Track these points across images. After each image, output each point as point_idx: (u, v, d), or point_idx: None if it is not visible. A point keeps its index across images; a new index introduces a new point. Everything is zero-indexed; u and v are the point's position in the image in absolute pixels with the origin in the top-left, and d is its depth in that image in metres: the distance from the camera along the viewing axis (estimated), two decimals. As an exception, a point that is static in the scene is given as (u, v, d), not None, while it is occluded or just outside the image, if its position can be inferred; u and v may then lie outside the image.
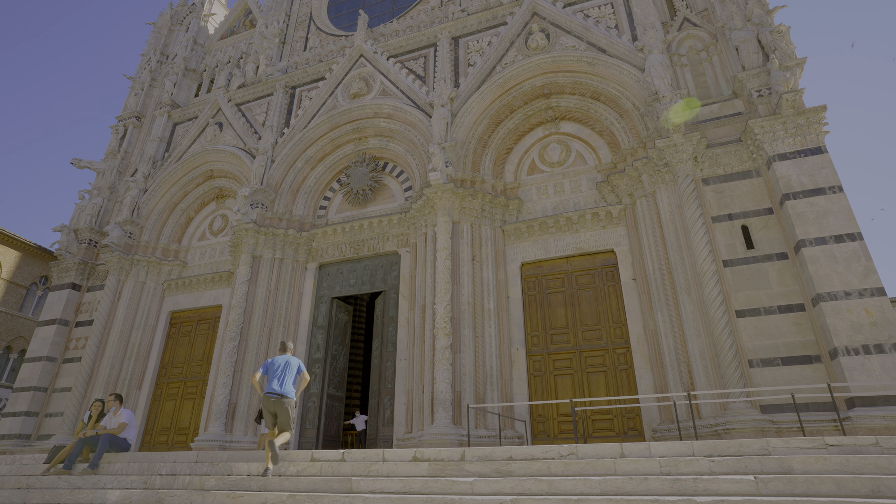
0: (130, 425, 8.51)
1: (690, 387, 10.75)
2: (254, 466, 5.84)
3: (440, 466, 4.98)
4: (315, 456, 6.07)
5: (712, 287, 10.77)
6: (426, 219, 14.46)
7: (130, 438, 8.55)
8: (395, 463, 5.21)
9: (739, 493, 3.99)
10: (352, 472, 5.27)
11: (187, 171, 19.39)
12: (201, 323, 17.49)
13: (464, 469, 4.93)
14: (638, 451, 5.17)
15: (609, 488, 4.21)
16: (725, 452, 4.86)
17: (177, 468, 6.36)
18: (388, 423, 13.71)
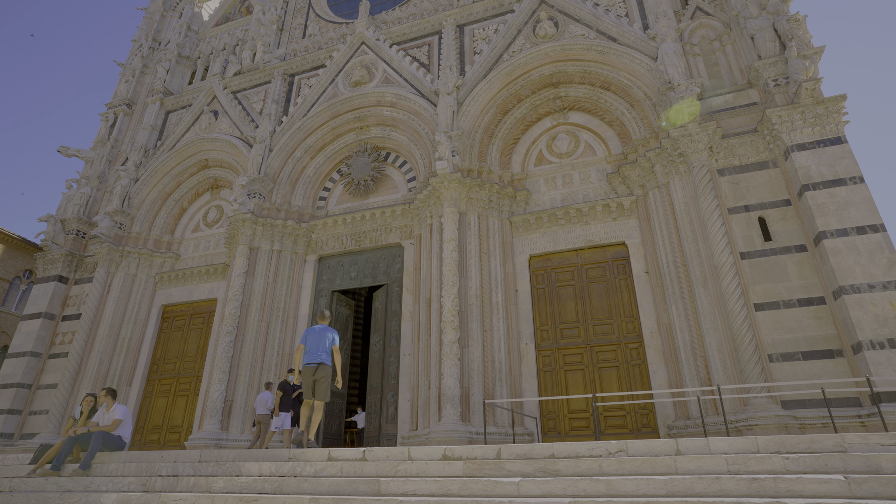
0: (125, 422, 7.88)
1: (707, 382, 10.45)
2: (266, 466, 5.33)
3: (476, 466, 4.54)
4: (332, 454, 5.57)
5: (730, 280, 10.47)
6: (431, 209, 14.03)
7: (125, 436, 7.90)
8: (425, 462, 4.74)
9: (831, 496, 3.62)
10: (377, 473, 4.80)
11: (181, 161, 18.74)
12: (195, 317, 16.88)
13: (504, 468, 4.50)
14: (695, 447, 4.80)
15: (677, 489, 3.83)
16: (795, 449, 4.49)
17: (179, 468, 5.81)
18: (392, 420, 13.26)
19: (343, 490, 4.50)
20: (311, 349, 7.84)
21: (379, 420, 13.40)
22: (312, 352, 7.79)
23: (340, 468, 4.98)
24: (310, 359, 7.72)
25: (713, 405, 10.26)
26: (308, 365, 7.74)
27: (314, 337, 7.95)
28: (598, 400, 11.30)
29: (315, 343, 7.85)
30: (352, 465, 4.97)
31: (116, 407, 7.96)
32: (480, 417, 11.57)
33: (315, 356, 7.73)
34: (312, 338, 7.96)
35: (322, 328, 8.03)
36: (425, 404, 12.27)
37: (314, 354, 7.75)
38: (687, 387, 10.75)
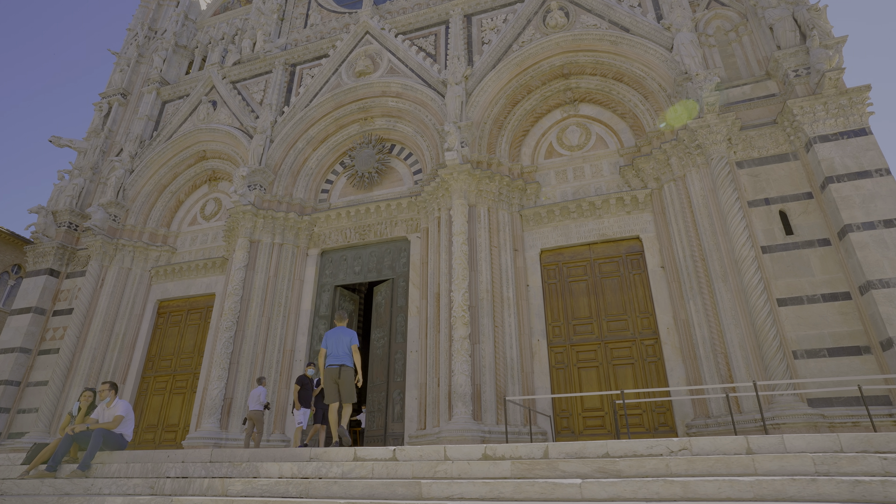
0: (128, 418, 7.29)
1: (729, 379, 10.12)
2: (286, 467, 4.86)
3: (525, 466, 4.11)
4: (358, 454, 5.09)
5: (752, 274, 10.15)
6: (439, 202, 13.62)
7: (127, 434, 7.31)
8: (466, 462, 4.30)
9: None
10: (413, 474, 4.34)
11: (178, 152, 18.19)
12: (192, 312, 16.35)
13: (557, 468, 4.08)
14: (769, 445, 4.40)
15: (766, 492, 3.44)
16: (886, 448, 4.11)
17: (188, 469, 5.30)
18: (399, 419, 12.83)
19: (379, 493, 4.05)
20: (332, 351, 7.92)
21: (385, 419, 12.96)
22: (334, 354, 7.88)
23: (371, 469, 4.53)
24: (332, 361, 7.81)
25: (735, 403, 9.93)
26: (331, 367, 7.82)
27: (334, 339, 8.01)
28: (620, 397, 10.92)
29: (336, 345, 7.92)
30: (384, 466, 4.52)
31: (118, 402, 7.41)
32: (493, 415, 11.18)
33: (337, 358, 7.81)
34: (333, 340, 8.01)
35: (341, 329, 8.09)
36: (434, 402, 11.86)
37: (336, 356, 7.84)
38: (707, 384, 10.41)
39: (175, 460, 5.85)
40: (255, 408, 11.42)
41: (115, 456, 6.58)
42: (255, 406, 11.44)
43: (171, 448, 14.41)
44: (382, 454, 4.96)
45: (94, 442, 6.63)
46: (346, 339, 7.98)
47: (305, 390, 10.31)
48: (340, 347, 7.86)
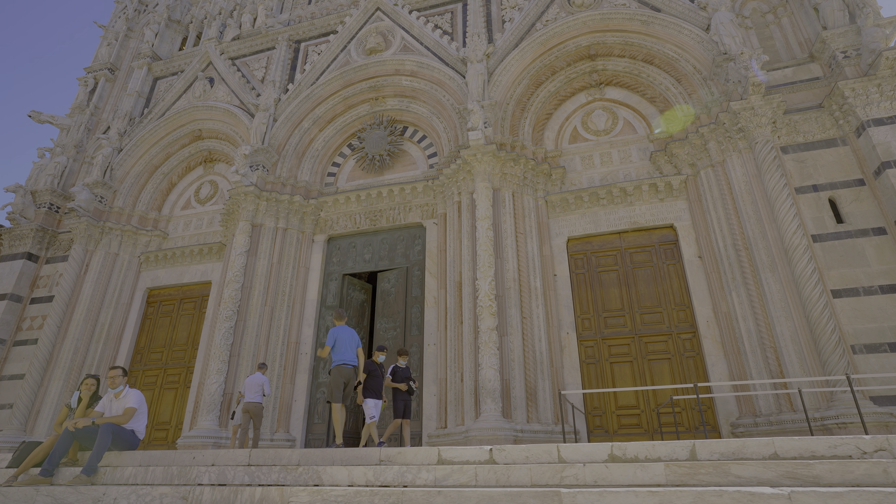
0: (140, 411, 6.07)
1: (779, 374, 9.46)
2: (357, 473, 3.82)
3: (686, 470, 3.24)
4: (443, 456, 4.12)
5: (805, 263, 9.51)
6: (460, 185, 12.75)
7: (140, 431, 6.09)
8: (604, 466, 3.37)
9: None
10: (533, 481, 3.37)
11: (171, 130, 16.97)
12: (185, 302, 15.17)
13: (728, 472, 3.25)
14: None
15: None
16: None
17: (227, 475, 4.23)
18: (416, 416, 11.89)
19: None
20: (344, 350, 7.70)
21: (400, 416, 11.99)
22: (347, 354, 7.66)
23: (473, 475, 3.62)
24: (347, 361, 7.61)
25: (787, 400, 9.27)
26: (345, 366, 7.61)
27: (345, 338, 7.81)
28: (679, 392, 10.16)
29: (347, 344, 7.74)
30: (489, 471, 3.60)
31: (129, 392, 6.12)
32: (523, 413, 10.35)
33: (351, 358, 7.65)
34: (344, 338, 7.80)
35: (346, 329, 7.93)
36: (456, 399, 10.97)
37: (349, 357, 7.65)
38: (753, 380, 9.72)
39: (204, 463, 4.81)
40: (254, 399, 9.96)
41: (126, 457, 5.51)
42: (253, 397, 9.98)
43: (163, 448, 13.24)
44: (475, 455, 4.02)
45: (101, 440, 5.41)
46: (354, 339, 7.86)
47: (374, 378, 8.68)
48: (351, 347, 7.69)
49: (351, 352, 7.67)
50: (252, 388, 10.04)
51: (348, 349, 7.66)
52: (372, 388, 8.35)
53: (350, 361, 7.60)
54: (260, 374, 10.30)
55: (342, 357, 7.59)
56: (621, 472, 3.37)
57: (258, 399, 10.02)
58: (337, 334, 7.76)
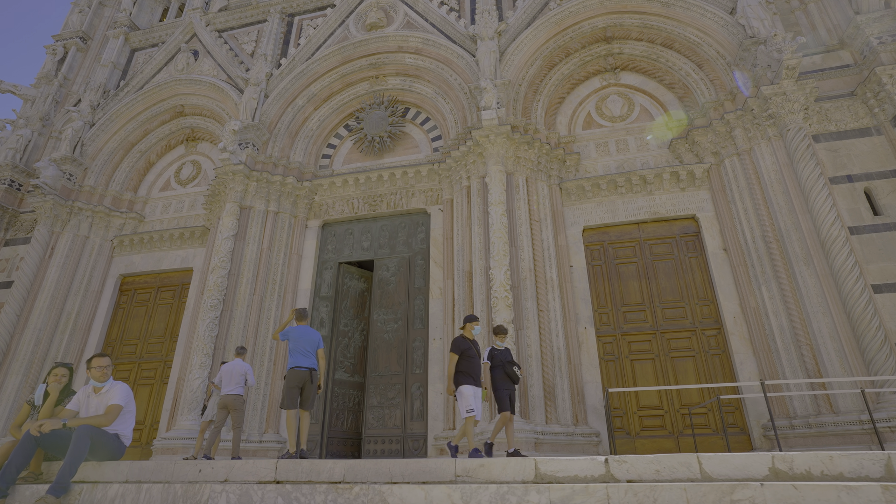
0: (127, 410, 4.65)
1: (817, 374, 8.88)
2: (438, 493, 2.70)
3: None
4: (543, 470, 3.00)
5: (846, 257, 8.95)
6: (469, 169, 11.89)
7: (126, 435, 4.69)
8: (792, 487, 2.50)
9: None
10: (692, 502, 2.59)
11: (150, 105, 15.64)
12: (163, 290, 13.90)
13: None
14: None
15: None
16: None
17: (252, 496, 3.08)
18: (419, 417, 10.98)
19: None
20: (301, 351, 6.99)
21: (402, 417, 11.07)
22: (304, 354, 6.98)
23: (605, 498, 2.70)
24: (302, 362, 6.92)
25: (826, 401, 8.69)
26: (300, 369, 6.90)
27: (303, 338, 7.07)
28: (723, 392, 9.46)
29: (305, 344, 7.04)
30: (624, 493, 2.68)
31: (113, 386, 4.68)
32: (541, 413, 9.54)
33: (308, 359, 6.98)
34: (300, 338, 7.05)
35: (307, 329, 7.20)
36: (467, 398, 10.07)
37: (307, 358, 6.98)
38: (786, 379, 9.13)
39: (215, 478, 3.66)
40: (233, 390, 8.30)
41: (110, 470, 4.21)
42: (233, 388, 8.32)
43: (137, 452, 11.99)
44: (586, 469, 3.06)
45: (75, 447, 4.05)
46: (314, 339, 7.16)
47: (469, 360, 6.63)
48: (310, 348, 7.07)
49: (308, 354, 6.98)
50: (231, 378, 8.43)
51: (304, 351, 6.96)
52: (468, 372, 6.50)
53: (305, 365, 6.90)
54: (240, 360, 8.71)
55: (296, 360, 6.92)
56: (819, 496, 2.56)
57: (238, 391, 8.37)
58: (291, 333, 7.05)
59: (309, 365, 6.96)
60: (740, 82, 11.48)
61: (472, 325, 7.00)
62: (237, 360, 8.68)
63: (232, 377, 8.44)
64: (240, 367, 8.56)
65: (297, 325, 7.29)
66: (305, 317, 7.41)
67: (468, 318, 7.05)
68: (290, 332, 7.09)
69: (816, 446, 8.38)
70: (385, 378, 11.59)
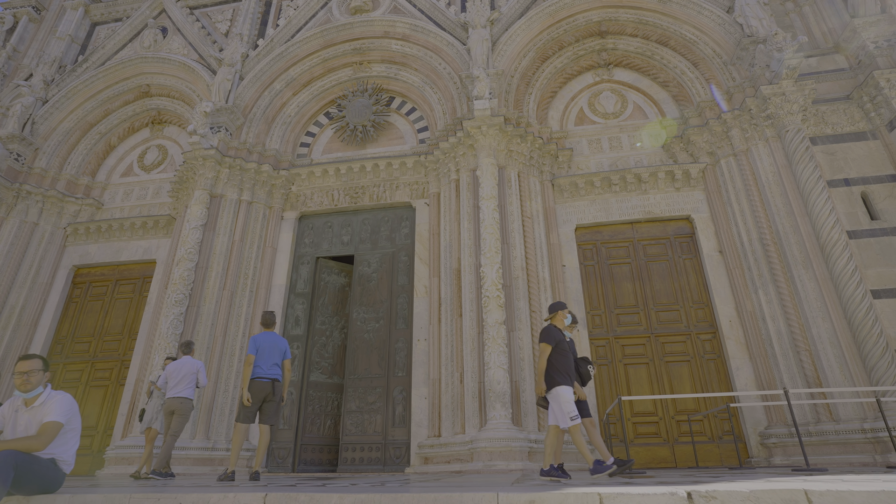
0: (70, 428, 3.58)
1: (816, 380, 8.66)
2: None
3: None
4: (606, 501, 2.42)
5: (846, 261, 8.76)
6: (458, 162, 11.31)
7: (67, 459, 3.56)
8: None
9: None
10: None
11: (112, 83, 14.46)
12: (122, 283, 12.79)
13: None
14: None
15: None
16: None
17: None
18: (402, 422, 10.30)
19: None
20: (266, 360, 6.41)
21: (384, 423, 10.37)
22: (266, 364, 6.39)
23: None
24: (262, 373, 6.35)
25: (826, 409, 8.46)
26: (260, 380, 6.31)
27: (268, 346, 6.49)
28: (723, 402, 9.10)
29: (269, 354, 6.45)
30: None
31: (51, 397, 3.55)
32: (534, 420, 9.02)
33: (270, 370, 6.40)
34: (266, 347, 6.48)
35: (273, 336, 6.61)
36: (454, 403, 9.49)
37: (267, 368, 6.39)
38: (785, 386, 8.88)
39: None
40: (181, 393, 7.25)
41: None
42: (181, 390, 7.26)
43: (86, 461, 10.90)
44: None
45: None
46: (280, 348, 6.60)
47: (563, 355, 5.34)
48: (273, 358, 6.48)
49: (271, 363, 6.40)
50: (181, 378, 7.34)
51: (268, 360, 6.39)
52: (562, 369, 5.24)
53: (268, 375, 6.33)
54: (189, 357, 7.64)
55: (258, 370, 6.34)
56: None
57: (188, 393, 7.34)
58: (257, 341, 6.46)
59: (272, 375, 6.37)
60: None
61: (563, 314, 5.63)
62: (186, 358, 7.63)
63: (182, 377, 7.40)
64: (189, 365, 7.51)
65: (264, 332, 6.60)
66: (272, 322, 6.74)
67: (557, 306, 5.68)
68: (257, 340, 6.47)
69: (817, 455, 8.13)
70: (365, 381, 10.86)
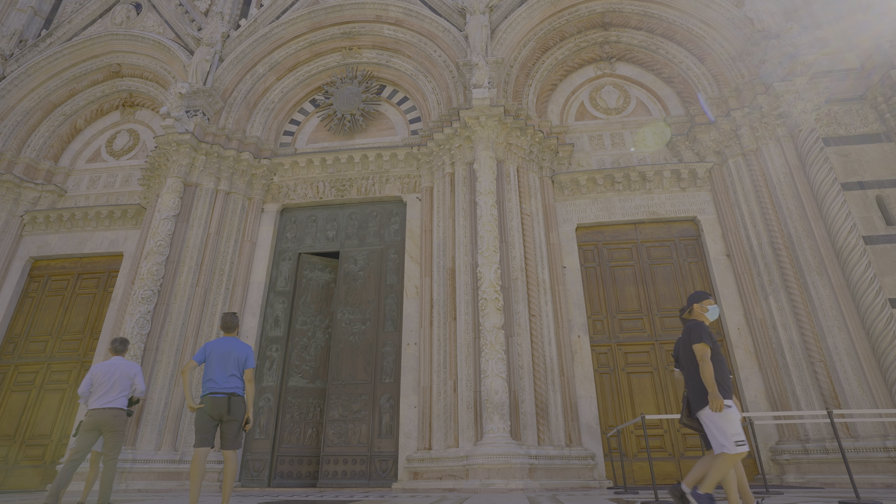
0: None
1: (832, 393, 8.17)
2: None
3: None
4: None
5: (864, 268, 8.30)
6: (454, 154, 10.61)
7: None
8: None
9: None
10: None
11: (79, 60, 13.39)
12: (85, 277, 11.77)
13: None
14: None
15: None
16: None
17: None
18: (389, 433, 9.55)
19: None
20: (215, 371, 5.09)
21: (369, 433, 9.59)
22: (219, 376, 5.09)
23: None
24: (214, 386, 5.06)
25: (843, 425, 7.97)
26: (214, 396, 5.01)
27: (222, 354, 5.16)
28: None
29: (221, 362, 5.13)
30: None
31: None
32: (533, 433, 8.36)
33: (226, 383, 5.07)
34: (219, 354, 5.16)
35: (230, 341, 5.28)
36: (447, 413, 8.77)
37: (223, 380, 5.08)
38: (797, 398, 8.40)
39: None
40: (111, 403, 5.68)
41: None
42: (112, 399, 5.70)
43: (39, 472, 9.89)
44: None
45: None
46: (238, 355, 5.20)
47: (720, 363, 4.13)
48: (228, 367, 5.12)
49: (227, 374, 5.10)
50: (112, 385, 5.77)
51: (222, 371, 5.08)
52: (723, 381, 4.03)
53: (223, 389, 5.03)
54: (120, 358, 6.07)
55: (211, 384, 5.06)
56: None
57: (120, 403, 5.76)
58: (211, 349, 5.21)
59: (228, 389, 5.05)
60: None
61: (707, 304, 4.40)
62: (117, 359, 6.04)
63: (114, 383, 5.77)
64: (122, 367, 5.92)
65: (219, 338, 5.36)
66: (232, 326, 5.48)
67: (700, 296, 4.46)
68: (208, 347, 5.24)
69: (834, 474, 7.63)
70: (349, 387, 10.07)
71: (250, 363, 5.24)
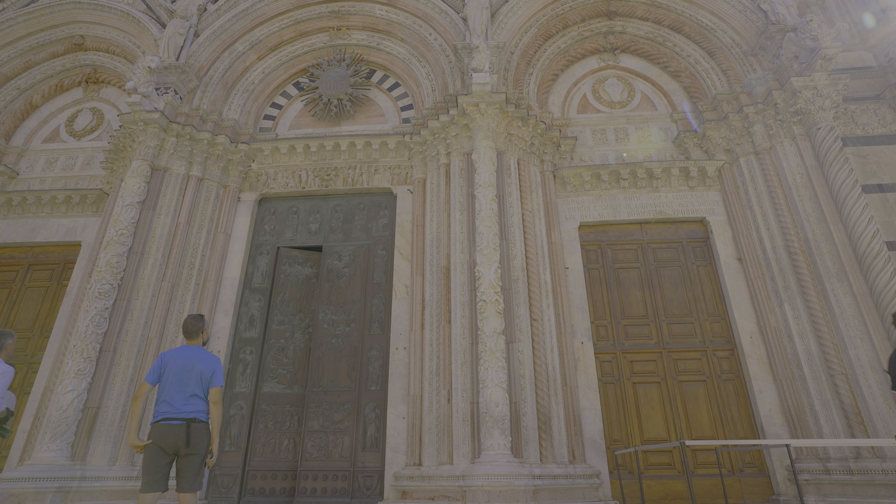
0: None
1: (854, 407, 7.62)
2: None
3: None
4: None
5: (889, 276, 7.79)
6: (450, 144, 9.82)
7: None
8: None
9: None
10: None
11: (37, 30, 12.18)
12: (37, 268, 10.61)
13: None
14: None
15: None
16: None
17: None
18: (374, 447, 8.69)
19: None
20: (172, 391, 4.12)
21: (352, 446, 8.72)
22: (176, 397, 4.10)
23: None
24: (170, 410, 4.08)
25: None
26: (168, 423, 4.04)
27: (180, 369, 4.19)
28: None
29: (182, 381, 4.17)
30: None
31: None
32: (535, 449, 7.61)
33: (182, 405, 4.09)
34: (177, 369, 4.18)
35: (193, 351, 4.34)
36: (439, 426, 7.97)
37: (181, 402, 4.10)
38: (816, 412, 7.84)
39: None
40: None
41: None
42: None
43: (-27, 487, 8.72)
44: None
45: None
46: (202, 369, 4.26)
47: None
48: (189, 385, 4.17)
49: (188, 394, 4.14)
50: None
51: (181, 390, 4.13)
52: None
53: (180, 414, 4.06)
54: None
55: (165, 407, 4.10)
56: None
57: None
58: (168, 361, 4.27)
59: (188, 413, 4.06)
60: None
61: None
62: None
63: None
64: None
65: (180, 347, 4.48)
66: (196, 331, 4.52)
67: None
68: (165, 359, 4.28)
69: (860, 497, 7.07)
70: (331, 395, 9.18)
71: (217, 380, 4.25)
